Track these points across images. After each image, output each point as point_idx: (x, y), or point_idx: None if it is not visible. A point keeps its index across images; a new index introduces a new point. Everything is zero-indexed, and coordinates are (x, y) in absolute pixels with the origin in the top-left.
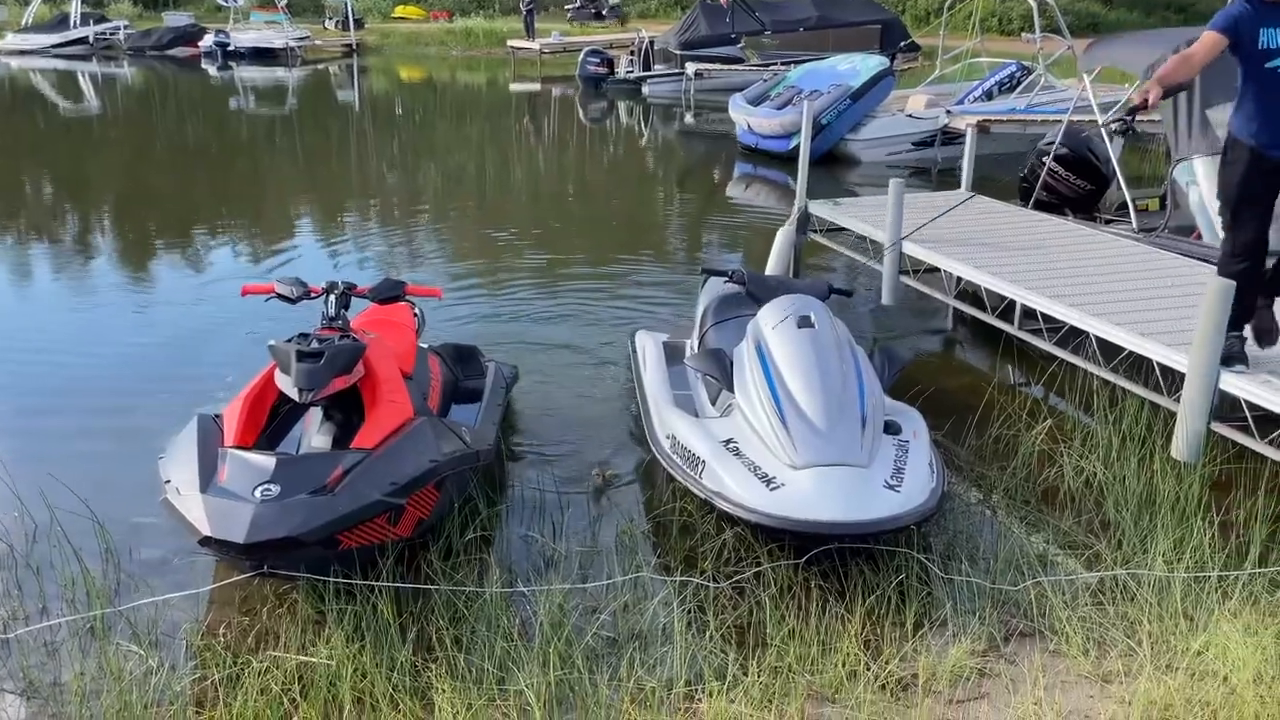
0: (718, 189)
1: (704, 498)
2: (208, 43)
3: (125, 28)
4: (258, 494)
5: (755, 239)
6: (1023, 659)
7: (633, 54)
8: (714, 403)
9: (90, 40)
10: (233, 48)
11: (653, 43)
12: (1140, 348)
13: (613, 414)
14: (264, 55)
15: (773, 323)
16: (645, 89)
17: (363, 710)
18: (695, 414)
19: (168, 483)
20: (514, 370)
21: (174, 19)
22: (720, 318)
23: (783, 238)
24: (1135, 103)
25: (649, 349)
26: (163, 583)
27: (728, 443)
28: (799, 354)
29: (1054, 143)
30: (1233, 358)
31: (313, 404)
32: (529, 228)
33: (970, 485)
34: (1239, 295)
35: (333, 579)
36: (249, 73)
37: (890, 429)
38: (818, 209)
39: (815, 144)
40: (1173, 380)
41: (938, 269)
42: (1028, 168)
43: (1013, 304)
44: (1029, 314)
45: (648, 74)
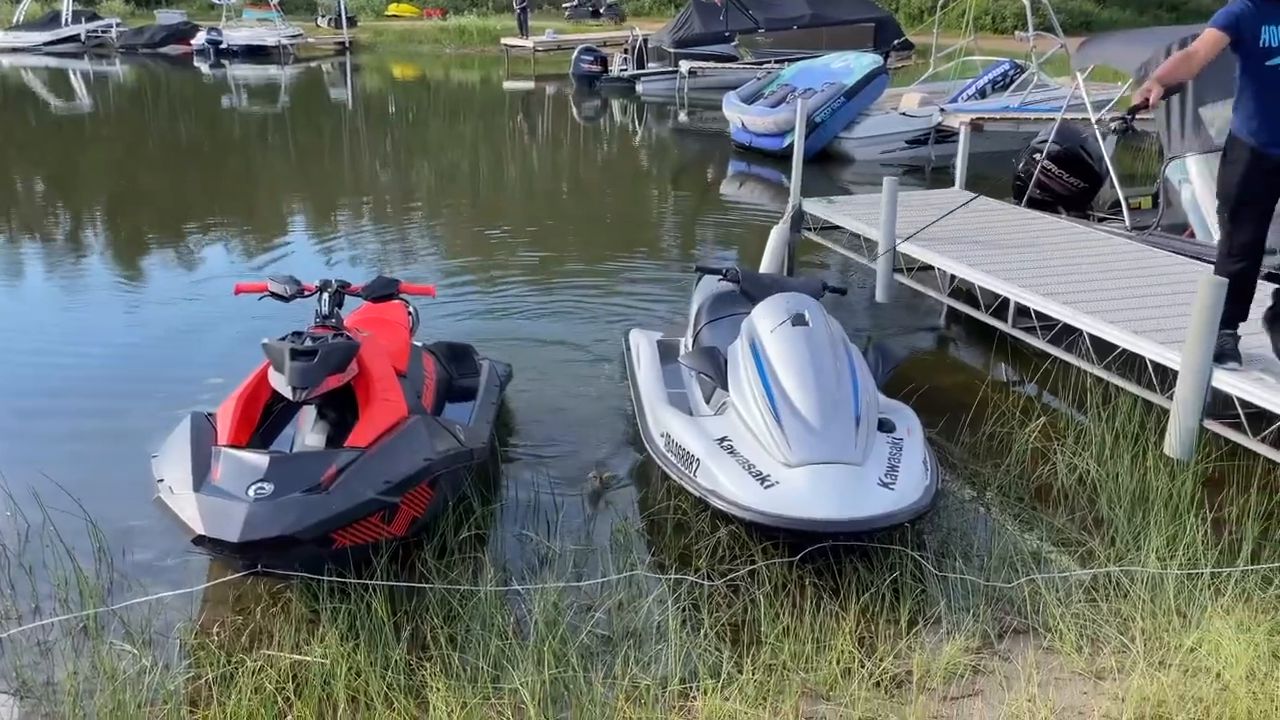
0: (711, 187)
1: (698, 496)
2: (200, 40)
3: (117, 25)
4: (251, 493)
5: (749, 237)
6: (1017, 656)
7: (626, 52)
8: (708, 401)
9: (82, 38)
10: (225, 45)
11: (646, 41)
12: (1133, 345)
13: (607, 412)
14: (256, 53)
15: (767, 321)
16: (639, 87)
17: (357, 709)
18: (689, 412)
19: (161, 481)
20: (508, 369)
21: (166, 16)
22: (714, 316)
23: (777, 236)
24: (1136, 102)
25: (643, 347)
26: (156, 582)
27: (722, 441)
28: (793, 352)
29: (1047, 141)
30: (1225, 355)
31: (306, 402)
32: (523, 226)
33: (964, 483)
34: (1234, 295)
35: (327, 578)
36: (241, 70)
37: (884, 427)
38: (812, 207)
39: (809, 142)
40: (1166, 378)
41: (932, 267)
42: (1021, 166)
43: (1006, 302)
44: (1022, 312)
45: (641, 72)
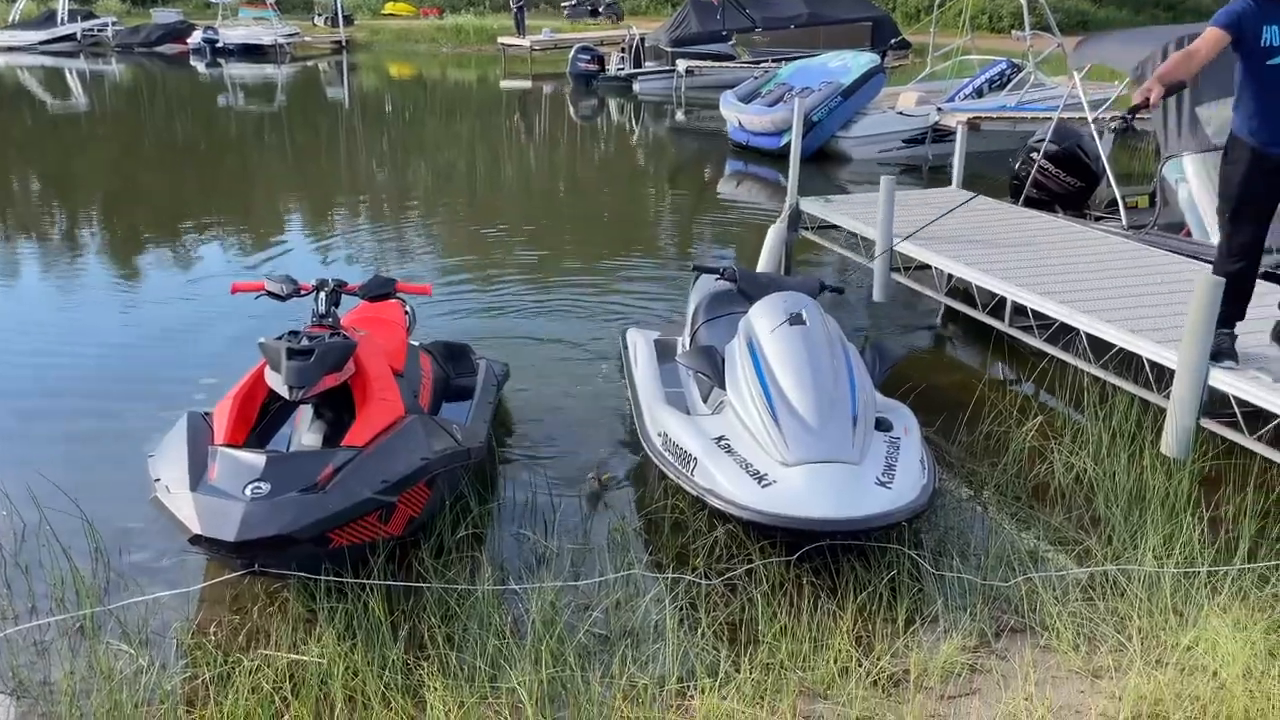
0: (708, 186)
1: (696, 495)
2: (196, 39)
3: (113, 24)
4: (248, 492)
5: (746, 236)
6: (1014, 654)
7: (623, 51)
8: (705, 400)
9: (78, 37)
10: (221, 44)
11: (643, 40)
12: (1130, 344)
13: (604, 412)
14: (253, 52)
15: (764, 320)
16: (636, 86)
17: (354, 708)
18: (687, 411)
19: (158, 481)
20: (505, 368)
21: (162, 15)
22: (711, 315)
23: (774, 235)
24: (1136, 101)
25: (640, 346)
26: (153, 581)
27: (719, 440)
28: (790, 351)
29: (1044, 140)
30: (1222, 354)
31: (303, 402)
32: (520, 225)
33: (961, 482)
34: (1231, 294)
35: (324, 577)
36: (238, 69)
37: (881, 426)
38: (809, 206)
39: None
40: (1162, 377)
41: (929, 266)
42: (1018, 165)
43: (1003, 301)
44: (1019, 311)
45: (638, 71)
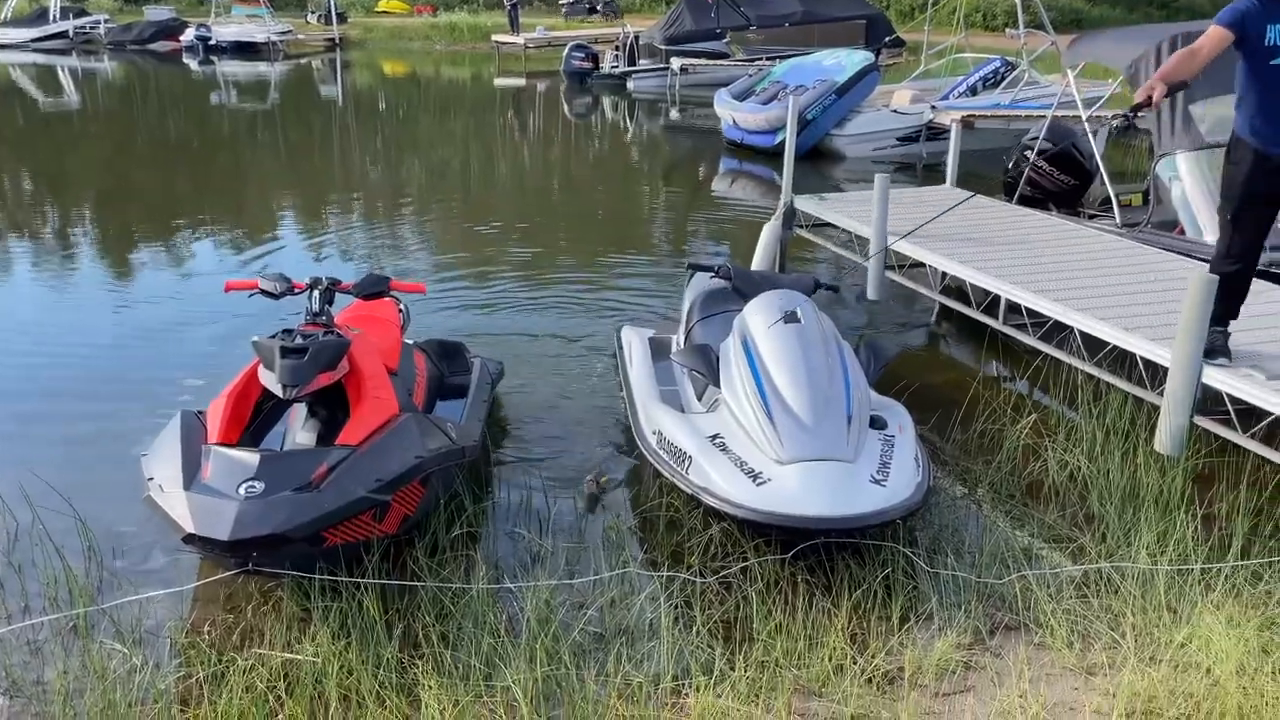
0: (703, 184)
1: (690, 493)
2: (189, 37)
3: (105, 22)
4: (242, 491)
5: (741, 234)
6: (1008, 652)
7: (618, 49)
8: (700, 398)
9: (70, 34)
10: (214, 42)
11: (637, 38)
12: (1124, 342)
13: (599, 410)
14: (246, 49)
15: (759, 318)
16: (630, 84)
17: (349, 707)
18: (681, 409)
19: (151, 480)
20: (500, 366)
21: (155, 13)
22: (706, 313)
23: (768, 233)
24: (1138, 99)
25: (635, 344)
26: (146, 580)
27: (714, 438)
28: (785, 349)
29: (1038, 138)
30: (1215, 351)
31: (297, 400)
32: (514, 222)
33: (955, 479)
34: (1226, 294)
35: (318, 576)
36: (231, 67)
37: (876, 424)
38: (803, 204)
39: (800, 139)
40: (1156, 374)
41: (923, 264)
42: (1012, 163)
43: (997, 299)
44: (1014, 309)
45: (633, 69)
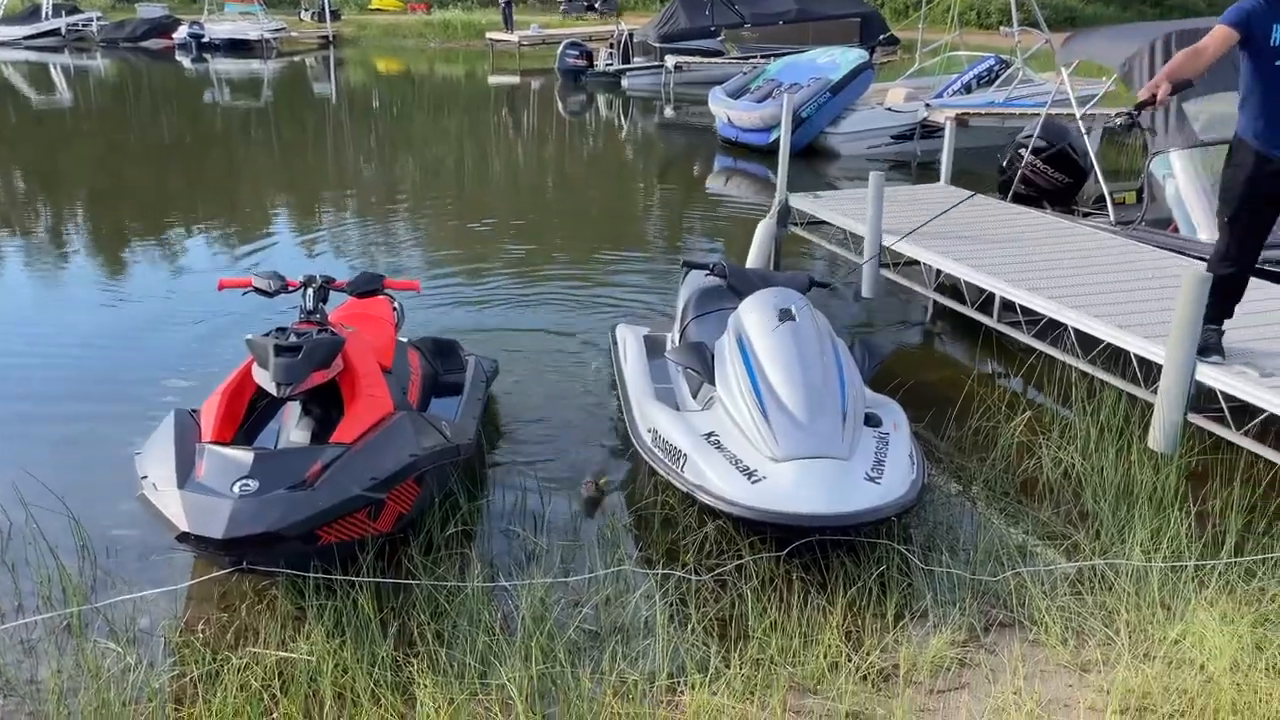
0: (698, 182)
1: (685, 491)
2: (182, 34)
3: (98, 19)
4: (236, 489)
5: (735, 232)
6: (1002, 649)
7: (612, 47)
8: (695, 396)
9: (63, 32)
10: (207, 39)
11: (632, 35)
12: (1118, 340)
13: (594, 408)
14: (239, 47)
15: (753, 316)
16: (624, 82)
17: (344, 706)
18: (676, 407)
19: (144, 478)
20: (494, 364)
21: (148, 10)
22: (701, 311)
23: (763, 231)
24: (1142, 98)
25: (630, 342)
26: (140, 579)
27: (709, 436)
28: (780, 347)
29: (1032, 136)
30: (1209, 349)
31: (291, 398)
32: (508, 220)
33: (950, 477)
34: (1221, 294)
35: (312, 574)
36: (224, 65)
37: (870, 421)
38: (798, 202)
39: (795, 137)
40: (1150, 372)
41: (917, 262)
42: (1006, 161)
43: (992, 297)
44: (1008, 306)
45: (627, 67)
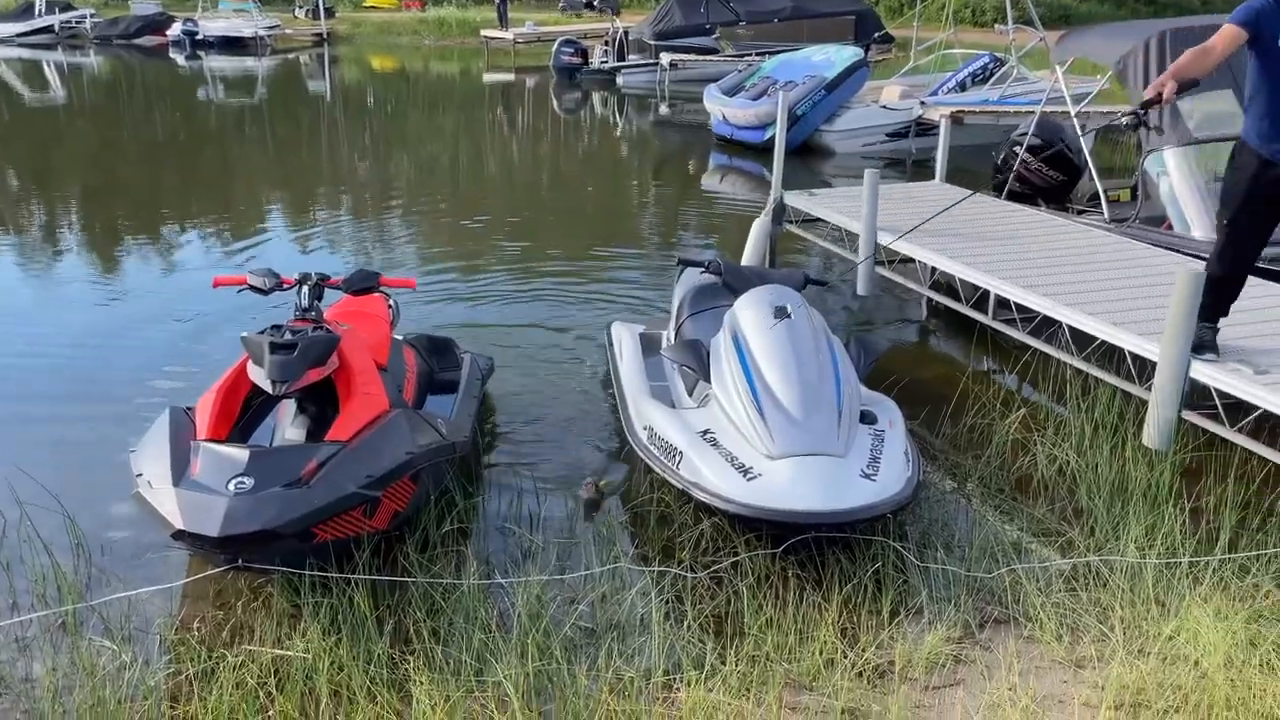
0: (693, 180)
1: (681, 488)
2: (176, 31)
3: (91, 16)
4: (231, 487)
5: (731, 229)
6: (997, 645)
7: (607, 44)
8: (691, 393)
9: (56, 29)
10: (201, 37)
11: (627, 33)
12: (1112, 337)
13: (589, 406)
14: (233, 44)
15: (749, 313)
16: (619, 79)
17: (340, 703)
18: (672, 405)
19: (139, 476)
20: (490, 362)
21: (141, 7)
22: (697, 308)
23: (758, 228)
24: (1148, 96)
25: (625, 340)
26: (135, 577)
27: (705, 433)
28: (775, 344)
29: (1027, 134)
30: (1203, 346)
31: (286, 396)
32: (504, 217)
33: (945, 474)
34: (1218, 294)
35: (308, 572)
36: (218, 62)
37: (866, 419)
38: (793, 200)
39: (790, 135)
40: (1144, 369)
41: (912, 260)
42: (1001, 159)
43: (987, 294)
44: (1003, 304)
45: (622, 64)
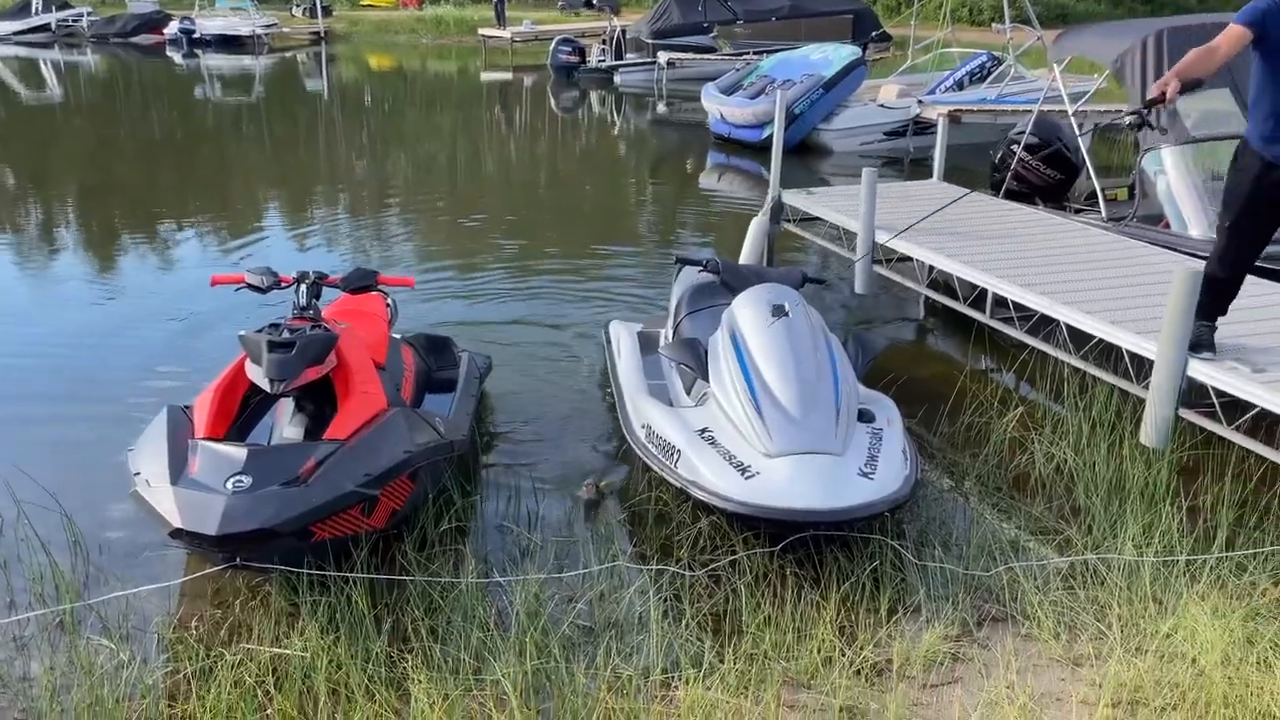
0: (691, 178)
1: (679, 487)
2: (173, 30)
3: (88, 14)
4: (229, 485)
5: (729, 228)
6: (995, 643)
7: (605, 43)
8: (689, 392)
9: (52, 27)
10: (198, 35)
11: (624, 32)
12: (1110, 335)
13: (587, 404)
14: (230, 43)
15: (747, 312)
16: (617, 78)
17: (338, 702)
18: (670, 403)
19: (137, 475)
20: (487, 360)
21: (138, 6)
22: (695, 307)
23: (756, 227)
24: (1152, 95)
25: (623, 338)
26: (133, 576)
27: (703, 432)
28: (773, 343)
29: (1024, 132)
30: (1201, 345)
31: (284, 395)
32: (502, 216)
33: (943, 472)
34: (1216, 294)
35: (306, 571)
36: (215, 61)
37: (864, 417)
38: (791, 198)
39: (788, 134)
40: (1142, 367)
41: (910, 258)
42: (998, 157)
43: (984, 293)
44: (1000, 303)
45: (620, 63)
